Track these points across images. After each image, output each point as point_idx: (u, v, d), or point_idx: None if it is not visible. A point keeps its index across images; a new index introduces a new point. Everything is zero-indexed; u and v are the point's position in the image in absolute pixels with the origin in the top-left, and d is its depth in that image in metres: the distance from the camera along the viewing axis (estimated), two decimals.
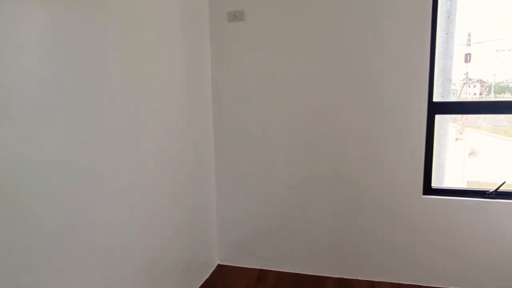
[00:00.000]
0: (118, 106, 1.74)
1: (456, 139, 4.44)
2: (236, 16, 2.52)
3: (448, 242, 2.36)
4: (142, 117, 1.92)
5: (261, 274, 2.68)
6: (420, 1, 2.23)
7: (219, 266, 2.81)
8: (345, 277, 2.58)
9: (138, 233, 1.90)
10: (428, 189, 2.41)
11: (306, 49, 2.45)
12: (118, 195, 1.74)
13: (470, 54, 3.94)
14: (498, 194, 2.31)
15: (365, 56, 2.36)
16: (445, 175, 4.56)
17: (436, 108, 2.34)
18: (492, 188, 2.33)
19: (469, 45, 3.96)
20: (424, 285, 2.43)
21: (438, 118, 2.40)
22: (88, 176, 1.56)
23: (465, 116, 3.37)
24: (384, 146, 2.39)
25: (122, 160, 1.77)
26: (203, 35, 2.55)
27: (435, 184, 2.45)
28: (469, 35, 3.96)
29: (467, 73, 4.36)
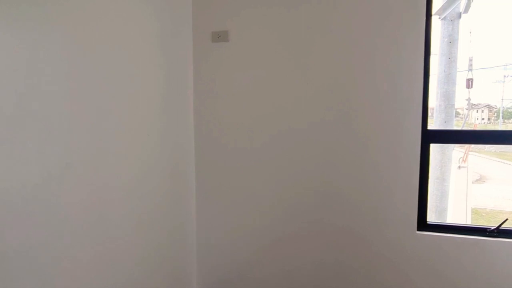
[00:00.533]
0: (83, 124, 1.61)
1: (459, 167, 4.20)
2: (220, 37, 2.41)
3: (444, 285, 2.14)
4: (108, 138, 1.79)
5: None
6: (413, 25, 2.09)
7: None
8: None
9: (93, 270, 1.73)
10: (423, 225, 2.21)
11: (292, 72, 2.32)
12: (65, 223, 1.58)
13: (472, 79, 3.77)
14: (500, 232, 2.10)
15: (354, 80, 2.21)
16: (449, 203, 4.34)
17: (430, 137, 2.17)
18: (493, 226, 2.12)
19: (470, 70, 3.79)
20: None
21: (441, 145, 2.22)
22: (30, 202, 1.41)
23: None
24: (375, 177, 2.21)
25: (72, 181, 1.62)
26: (186, 55, 2.44)
27: (436, 214, 2.26)
28: (471, 60, 3.80)
29: (469, 99, 4.18)
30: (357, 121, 2.22)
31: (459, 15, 3.73)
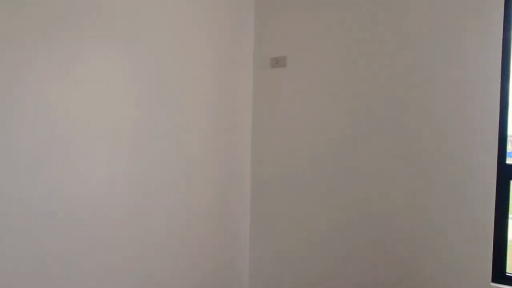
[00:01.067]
0: (146, 146, 1.80)
1: None
2: (278, 62, 2.42)
3: None
4: (166, 164, 1.95)
5: None
6: (487, 44, 1.81)
7: None
8: None
9: None
10: (500, 276, 1.86)
11: (351, 97, 2.20)
12: (111, 242, 1.72)
13: None
14: None
15: (419, 109, 1.99)
16: None
17: (510, 173, 1.83)
18: None
19: None
20: None
21: None
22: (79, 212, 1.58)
23: None
24: (441, 218, 1.94)
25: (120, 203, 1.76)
26: (247, 80, 2.51)
27: None
28: None
29: None
30: (422, 154, 1.99)
31: None
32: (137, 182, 1.83)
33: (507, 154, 1.84)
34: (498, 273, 1.86)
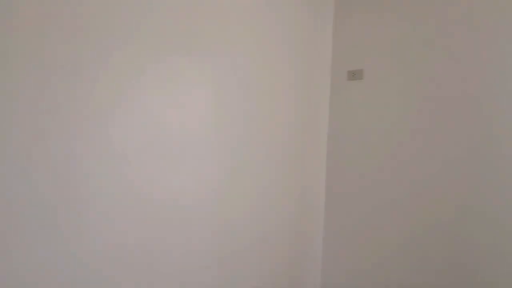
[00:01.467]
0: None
1: None
2: (355, 75, 2.46)
3: None
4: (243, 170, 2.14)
5: None
6: None
7: None
8: None
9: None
10: None
11: (431, 111, 2.17)
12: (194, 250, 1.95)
13: None
14: None
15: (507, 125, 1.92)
16: None
17: None
18: None
19: None
20: None
21: None
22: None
23: None
24: None
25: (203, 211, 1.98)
26: (324, 92, 2.60)
27: None
28: None
29: None
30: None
31: None
32: (219, 186, 2.03)
33: None
34: None
